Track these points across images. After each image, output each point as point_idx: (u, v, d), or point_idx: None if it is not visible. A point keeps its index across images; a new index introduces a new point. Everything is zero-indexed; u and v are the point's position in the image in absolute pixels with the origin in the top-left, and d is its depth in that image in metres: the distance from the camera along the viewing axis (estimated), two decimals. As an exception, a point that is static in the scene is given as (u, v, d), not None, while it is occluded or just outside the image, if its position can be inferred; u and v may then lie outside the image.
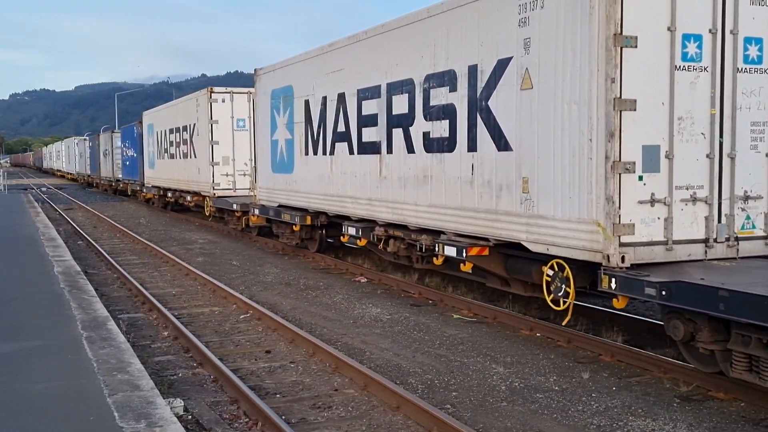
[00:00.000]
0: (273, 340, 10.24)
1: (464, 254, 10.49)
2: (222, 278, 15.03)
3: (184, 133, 26.68)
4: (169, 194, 29.91)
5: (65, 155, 76.29)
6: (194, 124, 25.19)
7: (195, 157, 25.40)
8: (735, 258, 8.64)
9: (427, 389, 8.02)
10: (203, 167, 24.36)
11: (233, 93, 23.76)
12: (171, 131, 28.94)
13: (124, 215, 31.32)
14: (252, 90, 20.22)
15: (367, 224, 13.86)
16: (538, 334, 10.23)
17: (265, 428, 6.85)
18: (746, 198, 8.69)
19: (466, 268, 11.05)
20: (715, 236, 8.56)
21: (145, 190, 35.12)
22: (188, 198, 26.92)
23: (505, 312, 11.25)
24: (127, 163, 39.96)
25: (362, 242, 14.11)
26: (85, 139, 60.94)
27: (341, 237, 14.93)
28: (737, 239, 8.65)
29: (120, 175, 42.53)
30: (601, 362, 8.94)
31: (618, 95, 7.98)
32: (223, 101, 23.49)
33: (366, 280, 14.85)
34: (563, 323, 9.83)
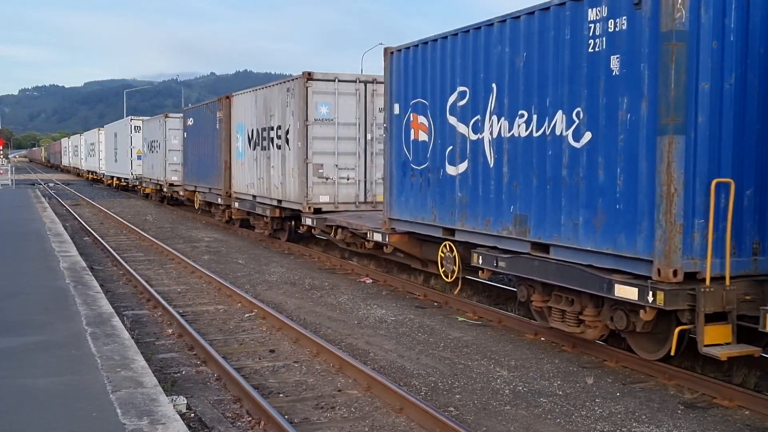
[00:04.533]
0: (277, 339, 10.24)
1: None
2: (227, 276, 15.04)
3: None
4: None
5: (104, 149, 51.16)
6: None
7: None
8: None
9: (430, 391, 7.99)
10: None
11: None
12: None
13: (131, 212, 31.38)
14: None
15: None
16: (542, 339, 10.20)
17: (268, 427, 6.83)
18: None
19: None
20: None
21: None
22: None
23: (510, 316, 11.22)
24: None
25: None
26: (169, 118, 33.01)
27: None
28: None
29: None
30: (606, 368, 8.91)
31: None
32: None
33: (371, 281, 14.83)
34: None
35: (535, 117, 9.50)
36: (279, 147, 19.00)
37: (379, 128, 16.85)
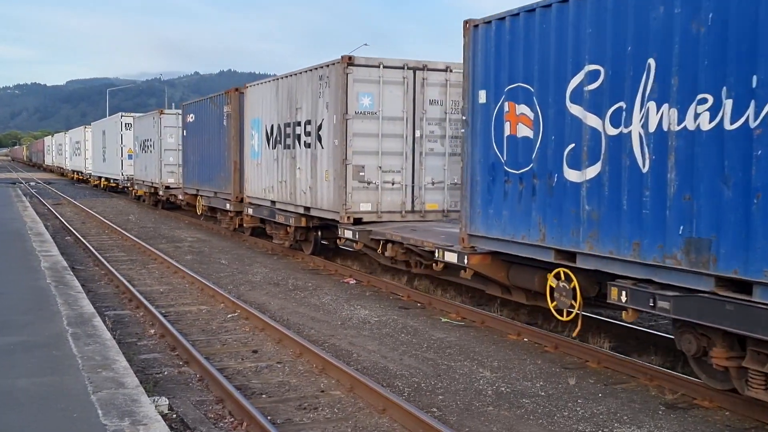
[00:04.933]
0: (260, 339, 10.21)
1: None
2: (210, 277, 14.98)
3: None
4: None
5: (91, 147, 47.59)
6: None
7: None
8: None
9: (413, 392, 8.00)
10: None
11: None
12: None
13: (114, 212, 31.19)
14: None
15: None
16: (525, 339, 10.23)
17: (250, 428, 6.81)
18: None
19: None
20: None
21: None
22: None
23: (493, 316, 11.26)
24: None
25: None
26: (164, 115, 30.67)
27: None
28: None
29: None
30: (588, 368, 8.95)
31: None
32: None
33: (355, 281, 14.83)
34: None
35: (728, 103, 6.80)
36: (308, 145, 16.15)
37: (430, 123, 14.92)
